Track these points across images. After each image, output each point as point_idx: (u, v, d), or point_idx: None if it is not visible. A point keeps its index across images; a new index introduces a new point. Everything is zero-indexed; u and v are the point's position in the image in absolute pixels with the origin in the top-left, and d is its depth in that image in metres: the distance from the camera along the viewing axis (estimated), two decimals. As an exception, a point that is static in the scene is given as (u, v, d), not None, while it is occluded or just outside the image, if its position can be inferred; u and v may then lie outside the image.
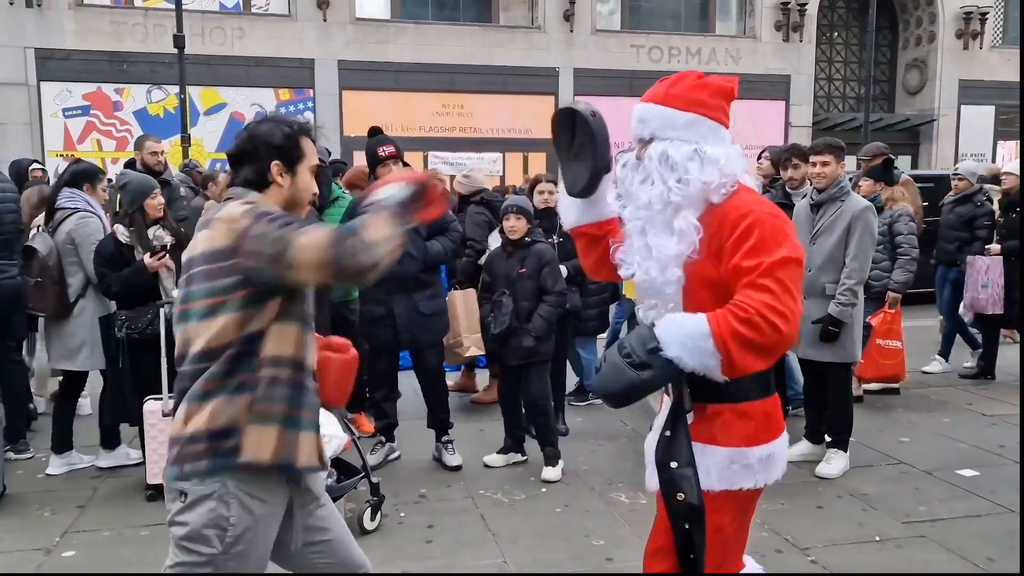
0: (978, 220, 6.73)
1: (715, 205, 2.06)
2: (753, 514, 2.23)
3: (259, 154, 2.12)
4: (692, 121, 2.10)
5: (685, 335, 1.93)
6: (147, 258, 4.37)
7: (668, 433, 2.11)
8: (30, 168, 7.30)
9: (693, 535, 2.05)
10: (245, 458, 1.99)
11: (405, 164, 4.73)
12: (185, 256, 2.12)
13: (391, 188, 2.00)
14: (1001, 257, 6.51)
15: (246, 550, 2.03)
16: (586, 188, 2.26)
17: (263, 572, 2.12)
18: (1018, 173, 6.59)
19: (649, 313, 2.16)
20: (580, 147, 2.23)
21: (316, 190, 2.21)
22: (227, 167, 4.92)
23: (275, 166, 2.12)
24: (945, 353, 7.13)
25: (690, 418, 2.10)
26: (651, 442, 2.22)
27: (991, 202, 6.91)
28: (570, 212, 2.38)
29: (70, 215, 4.74)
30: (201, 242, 2.07)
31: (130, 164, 6.76)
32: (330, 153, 5.96)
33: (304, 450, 2.08)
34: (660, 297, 2.13)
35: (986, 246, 6.64)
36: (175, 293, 4.39)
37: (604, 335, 6.34)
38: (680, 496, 2.04)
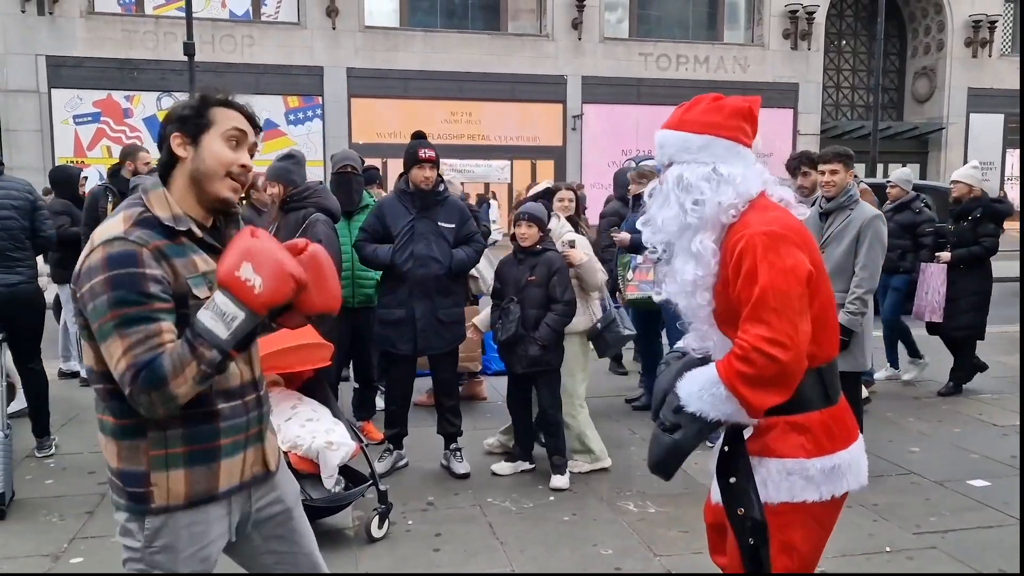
0: (920, 227, 6.88)
1: (727, 226, 2.07)
2: (832, 529, 2.18)
3: (165, 132, 1.94)
4: (707, 143, 2.11)
5: (699, 388, 1.98)
6: None
7: (726, 448, 2.11)
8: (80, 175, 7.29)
9: (760, 550, 2.04)
10: (159, 504, 1.88)
11: (439, 174, 4.74)
12: None
13: (235, 311, 1.73)
14: (945, 265, 6.51)
15: (172, 542, 1.91)
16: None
17: (208, 572, 2.00)
18: (967, 181, 6.54)
19: (693, 337, 2.25)
20: None
21: (243, 162, 1.94)
22: (265, 174, 4.90)
23: (174, 138, 1.91)
24: (892, 360, 7.18)
25: (748, 432, 2.10)
26: (713, 457, 2.23)
27: (930, 208, 6.97)
28: None
29: None
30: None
31: (115, 172, 6.49)
32: (363, 161, 5.98)
33: (225, 475, 1.93)
34: (697, 321, 2.16)
35: (936, 253, 6.68)
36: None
37: None
38: (740, 511, 2.05)
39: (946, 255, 6.57)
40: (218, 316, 1.73)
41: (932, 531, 4.03)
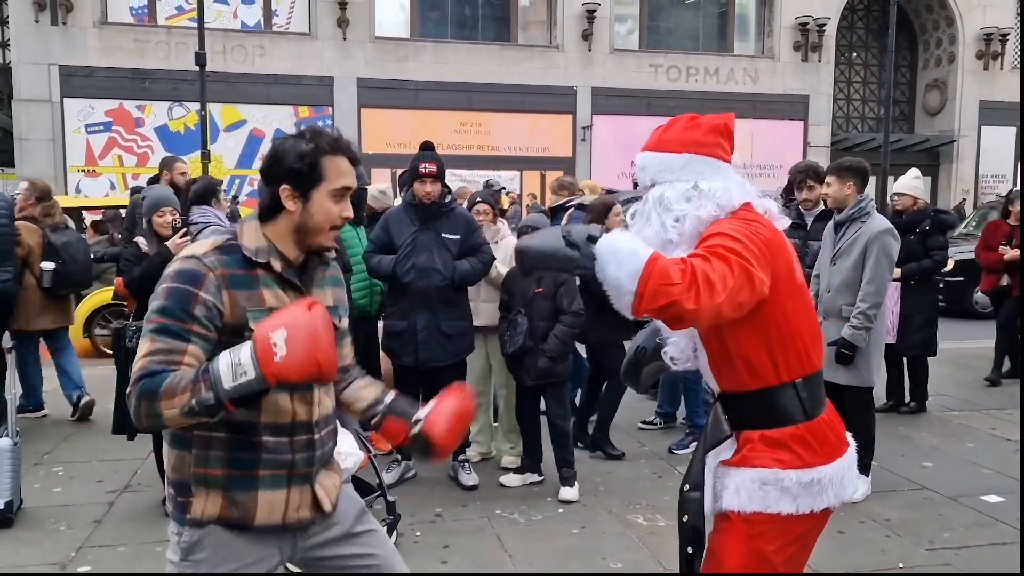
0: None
1: (703, 235, 2.06)
2: (813, 546, 2.17)
3: (272, 175, 1.93)
4: (687, 161, 2.13)
5: (622, 247, 1.82)
6: (171, 242, 4.43)
7: (693, 456, 2.15)
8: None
9: (694, 559, 2.08)
10: (193, 516, 1.94)
11: (445, 185, 4.73)
12: None
13: (249, 368, 1.70)
14: (898, 283, 6.08)
15: (207, 558, 1.95)
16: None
17: None
18: (911, 193, 6.32)
19: (672, 347, 2.26)
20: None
21: (346, 214, 1.97)
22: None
23: (284, 190, 1.91)
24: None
25: (731, 444, 2.12)
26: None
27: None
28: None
29: (203, 229, 4.82)
30: None
31: (153, 182, 6.84)
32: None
33: (263, 510, 1.94)
34: (676, 333, 2.17)
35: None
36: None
37: None
38: (685, 518, 2.10)
39: (896, 271, 6.29)
40: (233, 365, 1.72)
41: (946, 547, 3.98)
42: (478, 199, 5.28)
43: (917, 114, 22.11)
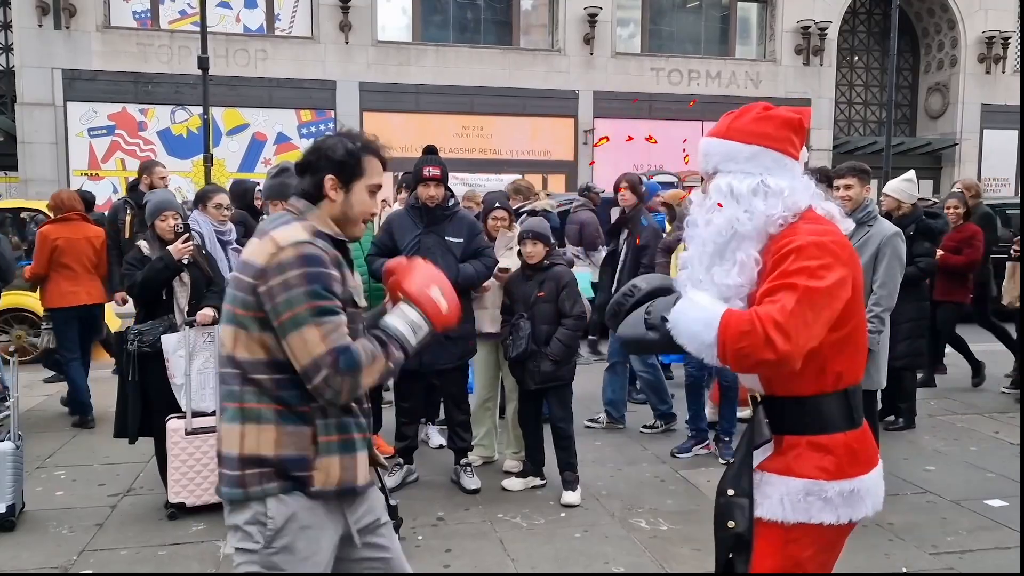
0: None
1: (771, 236, 2.03)
2: (840, 552, 2.15)
3: (318, 166, 2.13)
4: (755, 153, 2.08)
5: (694, 320, 1.93)
6: (174, 247, 4.42)
7: (733, 461, 2.10)
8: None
9: (736, 565, 2.03)
10: (315, 488, 2.02)
11: (448, 189, 4.73)
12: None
13: (418, 323, 2.10)
14: None
15: (291, 543, 2.01)
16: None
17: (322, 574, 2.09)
18: (896, 196, 6.09)
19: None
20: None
21: (374, 209, 2.22)
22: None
23: (329, 180, 2.11)
24: None
25: (769, 448, 2.07)
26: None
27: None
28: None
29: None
30: (249, 248, 2.11)
31: (133, 186, 6.87)
32: None
33: (361, 470, 2.12)
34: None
35: None
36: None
37: None
38: (731, 524, 2.03)
39: None
40: (409, 325, 2.08)
41: (949, 551, 3.97)
42: (496, 204, 5.26)
43: (919, 117, 22.08)
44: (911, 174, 6.38)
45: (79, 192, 7.00)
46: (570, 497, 4.58)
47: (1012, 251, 7.37)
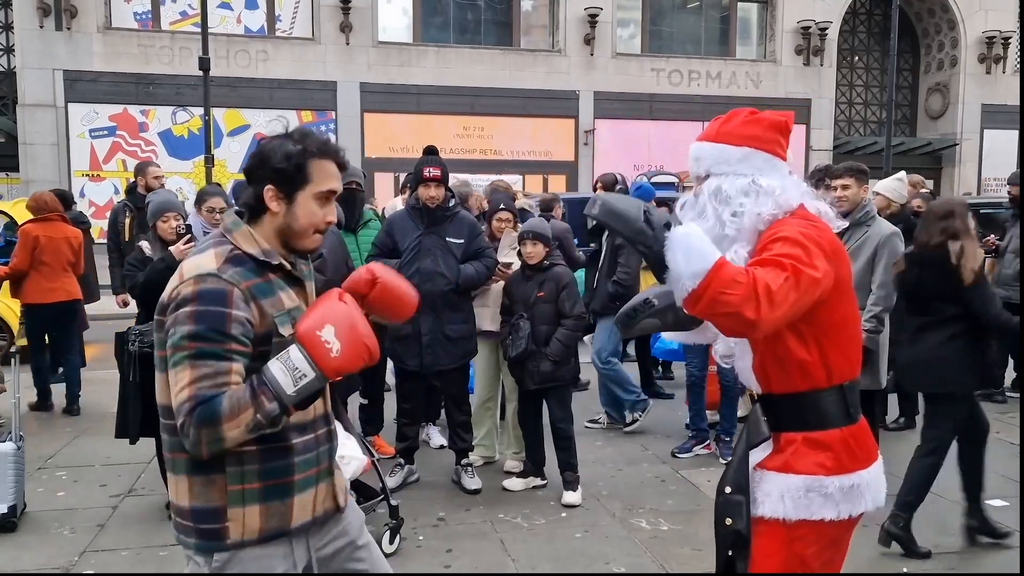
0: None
1: (761, 233, 2.06)
2: (847, 549, 2.17)
3: (259, 175, 1.91)
4: (746, 155, 2.11)
5: (693, 246, 1.82)
6: (175, 248, 4.42)
7: (731, 459, 2.12)
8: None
9: (736, 562, 2.04)
10: (232, 540, 1.86)
11: (449, 189, 4.74)
12: None
13: (306, 370, 1.73)
14: None
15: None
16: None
17: None
18: (886, 194, 6.05)
19: (721, 344, 2.22)
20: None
21: (331, 218, 1.96)
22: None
23: (268, 190, 1.89)
24: None
25: (768, 446, 2.09)
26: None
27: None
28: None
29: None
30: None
31: (131, 189, 6.93)
32: (365, 176, 6.00)
33: (298, 512, 1.92)
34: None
35: None
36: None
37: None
38: (728, 521, 2.05)
39: None
40: (288, 370, 1.72)
41: (950, 551, 3.97)
42: (501, 206, 5.27)
43: (919, 117, 22.08)
44: (902, 174, 6.40)
45: (57, 192, 7.13)
46: (571, 497, 4.59)
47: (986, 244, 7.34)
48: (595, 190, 6.17)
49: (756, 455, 2.09)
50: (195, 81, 14.92)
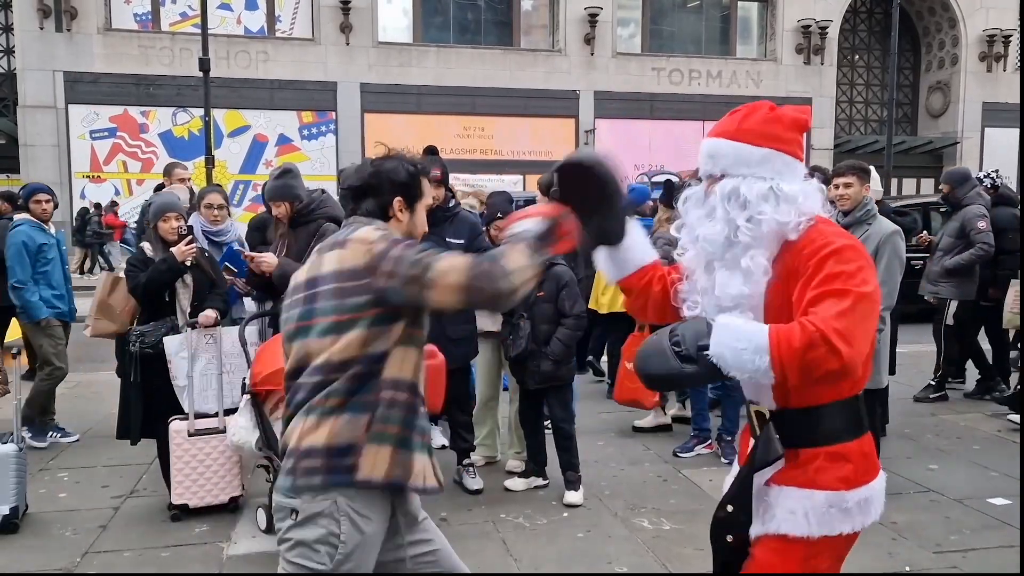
0: None
1: (791, 242, 1.96)
2: (843, 561, 2.14)
3: (383, 189, 2.22)
4: (767, 157, 1.98)
5: (740, 345, 1.79)
6: (177, 248, 4.42)
7: (737, 477, 2.09)
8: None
9: (731, 569, 2.07)
10: (361, 476, 2.04)
11: (449, 189, 4.73)
12: (306, 276, 2.18)
13: (527, 222, 2.06)
14: None
15: (356, 567, 2.07)
16: (611, 239, 2.19)
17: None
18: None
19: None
20: (593, 199, 2.11)
21: (426, 228, 2.34)
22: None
23: (397, 202, 2.22)
24: None
25: (780, 464, 2.01)
26: (727, 482, 2.21)
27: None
28: (607, 269, 2.28)
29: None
30: (330, 261, 2.13)
31: (159, 188, 6.95)
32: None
33: (415, 470, 2.12)
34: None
35: None
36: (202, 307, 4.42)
37: None
38: (729, 539, 2.07)
39: None
40: (527, 224, 2.10)
41: (953, 550, 3.97)
42: (498, 215, 5.27)
43: (920, 116, 22.08)
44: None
45: (3, 193, 7.16)
46: (573, 497, 4.58)
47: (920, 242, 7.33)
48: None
49: (768, 472, 2.02)
50: (195, 82, 14.93)
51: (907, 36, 21.16)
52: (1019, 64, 20.54)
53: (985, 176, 7.17)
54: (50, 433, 5.66)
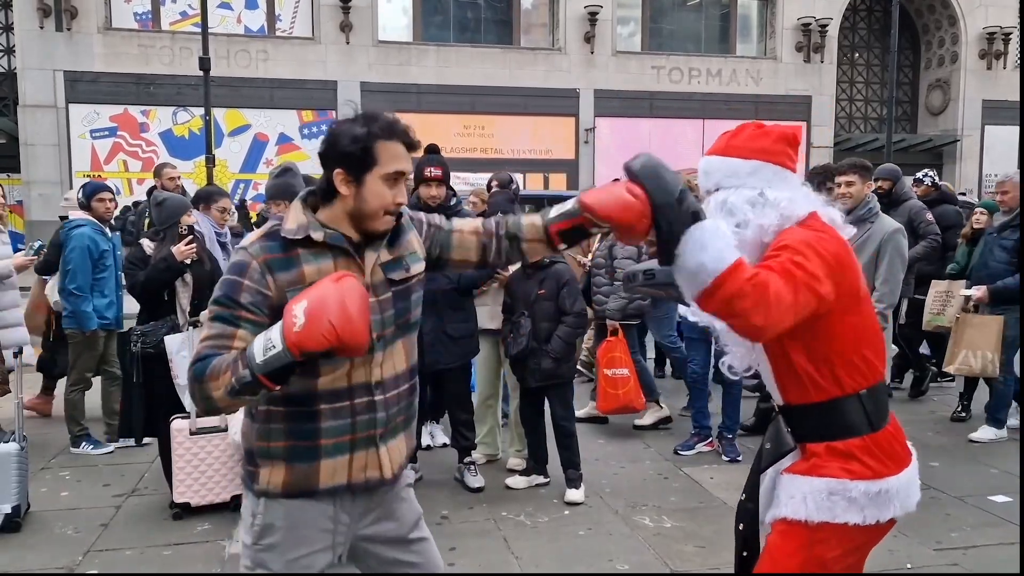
0: None
1: (767, 245, 2.04)
2: (868, 554, 2.16)
3: (328, 158, 1.96)
4: (755, 168, 2.12)
5: (712, 246, 1.81)
6: (177, 248, 4.45)
7: (752, 468, 2.17)
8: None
9: (749, 562, 2.11)
10: (259, 486, 2.01)
11: (450, 188, 4.74)
12: None
13: (275, 341, 1.72)
14: None
15: (277, 543, 2.00)
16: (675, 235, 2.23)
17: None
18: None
19: (733, 358, 2.24)
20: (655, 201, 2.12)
21: (399, 200, 1.98)
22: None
23: (338, 174, 1.93)
24: None
25: (795, 456, 2.10)
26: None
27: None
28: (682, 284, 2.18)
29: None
30: None
31: (151, 190, 7.05)
32: None
33: (326, 475, 1.98)
34: (733, 343, 2.18)
35: None
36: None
37: None
38: (740, 527, 2.13)
39: None
40: (265, 341, 1.75)
41: (953, 547, 3.97)
42: (498, 213, 5.26)
43: (920, 114, 22.06)
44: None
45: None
46: (574, 495, 4.59)
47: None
48: (489, 189, 6.09)
49: (785, 462, 2.11)
50: (195, 81, 14.92)
51: (907, 34, 21.14)
52: (1019, 62, 20.52)
53: (924, 176, 7.23)
54: (82, 444, 5.47)
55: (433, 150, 4.76)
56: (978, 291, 5.42)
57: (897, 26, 15.85)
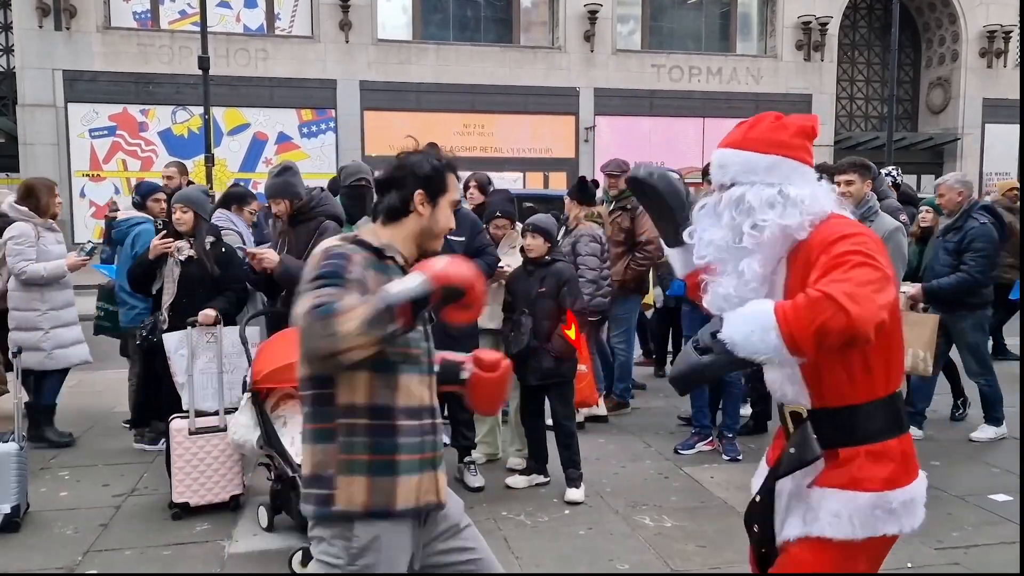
0: None
1: (803, 241, 1.97)
2: (882, 563, 2.11)
3: (406, 182, 2.17)
4: (774, 163, 2.02)
5: (749, 328, 1.79)
6: (152, 241, 4.53)
7: (775, 471, 2.07)
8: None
9: (769, 558, 2.09)
10: (338, 508, 2.03)
11: None
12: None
13: (413, 279, 1.92)
14: None
15: (373, 563, 2.04)
16: (673, 240, 2.29)
17: None
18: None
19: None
20: (657, 206, 2.30)
21: (452, 225, 2.26)
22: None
23: (418, 195, 2.16)
24: None
25: (820, 465, 2.00)
26: (755, 482, 2.20)
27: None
28: (675, 263, 2.37)
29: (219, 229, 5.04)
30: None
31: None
32: (373, 172, 6.02)
33: (402, 494, 2.06)
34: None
35: None
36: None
37: None
38: (755, 528, 2.10)
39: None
40: (400, 284, 1.92)
41: (954, 546, 3.97)
42: (496, 213, 5.26)
43: (920, 112, 22.06)
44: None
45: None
46: (574, 494, 4.58)
47: None
48: (466, 190, 6.07)
49: (810, 473, 2.01)
50: (195, 80, 14.92)
51: (907, 32, 21.14)
52: (1019, 60, 20.51)
53: (887, 174, 7.19)
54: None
55: (434, 148, 4.74)
56: (912, 288, 5.37)
57: (897, 24, 15.85)
